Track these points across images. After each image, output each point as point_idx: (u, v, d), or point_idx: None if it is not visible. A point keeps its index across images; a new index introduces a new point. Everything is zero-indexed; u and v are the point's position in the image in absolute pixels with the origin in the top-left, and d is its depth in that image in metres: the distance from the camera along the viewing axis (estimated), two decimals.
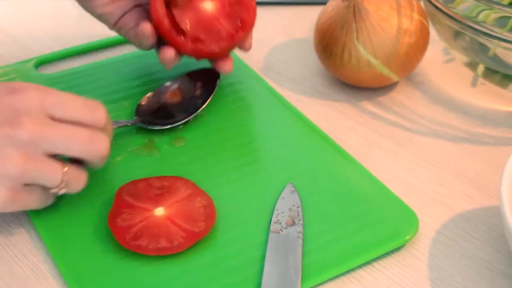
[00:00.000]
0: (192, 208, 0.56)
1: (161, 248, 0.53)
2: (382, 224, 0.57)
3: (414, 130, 0.68)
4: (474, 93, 0.73)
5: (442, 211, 0.59)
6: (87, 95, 0.69)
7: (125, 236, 0.54)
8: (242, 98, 0.71)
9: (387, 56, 0.68)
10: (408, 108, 0.71)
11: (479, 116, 0.70)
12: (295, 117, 0.68)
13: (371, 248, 0.55)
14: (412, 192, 0.61)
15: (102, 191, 0.59)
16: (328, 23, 0.70)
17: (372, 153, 0.65)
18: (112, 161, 0.62)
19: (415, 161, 0.65)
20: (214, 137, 0.65)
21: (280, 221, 0.56)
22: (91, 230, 0.56)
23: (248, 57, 0.75)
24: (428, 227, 0.58)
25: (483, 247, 0.56)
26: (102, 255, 0.54)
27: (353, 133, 0.68)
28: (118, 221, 0.55)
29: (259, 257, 0.53)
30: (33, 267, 0.54)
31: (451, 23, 0.68)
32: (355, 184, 0.61)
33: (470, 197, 0.61)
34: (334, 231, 0.56)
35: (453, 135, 0.68)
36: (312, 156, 0.64)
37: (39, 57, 0.75)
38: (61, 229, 0.56)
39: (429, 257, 0.55)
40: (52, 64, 0.76)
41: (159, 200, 0.57)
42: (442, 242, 0.57)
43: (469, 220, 0.59)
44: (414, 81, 0.75)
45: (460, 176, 0.63)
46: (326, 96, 0.73)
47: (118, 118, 0.67)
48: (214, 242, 0.55)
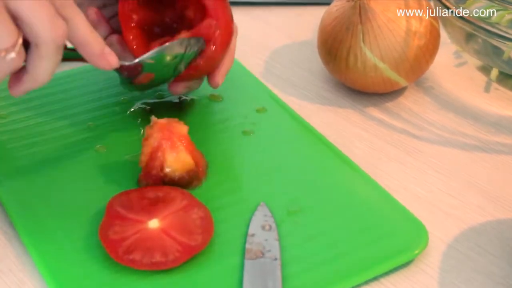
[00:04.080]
0: (188, 220, 0.56)
1: (155, 263, 0.53)
2: (390, 237, 0.57)
3: (424, 138, 0.69)
4: (487, 99, 0.74)
5: (453, 224, 0.60)
6: (78, 99, 0.71)
7: (117, 250, 0.54)
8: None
9: (395, 59, 0.68)
10: (417, 115, 0.71)
11: (492, 123, 0.71)
12: (297, 124, 0.68)
13: (378, 263, 0.55)
14: (422, 204, 0.61)
15: (92, 202, 0.59)
16: (333, 24, 0.70)
17: (379, 162, 0.66)
18: (104, 169, 0.62)
19: (425, 170, 0.65)
20: (212, 146, 0.65)
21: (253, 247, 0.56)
22: (81, 244, 0.56)
23: (247, 61, 0.76)
24: (438, 241, 0.58)
25: (497, 262, 0.56)
26: (93, 270, 0.54)
27: (359, 141, 0.68)
28: (110, 233, 0.55)
29: None
30: (20, 283, 0.54)
31: (463, 24, 0.69)
32: (361, 195, 0.61)
33: (483, 209, 0.61)
34: (339, 245, 0.56)
35: (464, 143, 0.68)
36: (315, 165, 0.64)
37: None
38: (49, 243, 0.56)
39: (440, 272, 0.56)
40: None
41: (153, 212, 0.57)
42: (453, 256, 0.57)
43: (482, 234, 0.59)
44: (424, 86, 0.75)
45: (472, 186, 0.63)
46: (330, 102, 0.73)
47: (110, 124, 0.67)
48: (212, 256, 0.55)
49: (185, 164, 0.60)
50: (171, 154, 0.59)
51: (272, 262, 0.54)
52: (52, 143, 0.65)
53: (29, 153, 0.64)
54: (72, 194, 0.60)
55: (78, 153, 0.64)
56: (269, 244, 0.55)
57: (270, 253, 0.55)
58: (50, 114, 0.69)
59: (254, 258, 0.54)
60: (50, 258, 0.55)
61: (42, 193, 0.60)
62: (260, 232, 0.57)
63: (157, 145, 0.59)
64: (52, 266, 0.54)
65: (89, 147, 0.65)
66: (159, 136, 0.59)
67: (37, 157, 0.64)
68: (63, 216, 0.58)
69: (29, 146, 0.65)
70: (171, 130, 0.60)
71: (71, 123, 0.68)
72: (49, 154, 0.64)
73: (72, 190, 0.61)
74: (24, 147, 0.65)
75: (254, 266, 0.54)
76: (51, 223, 0.57)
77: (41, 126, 0.67)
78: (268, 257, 0.54)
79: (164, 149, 0.59)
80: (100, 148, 0.65)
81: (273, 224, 0.57)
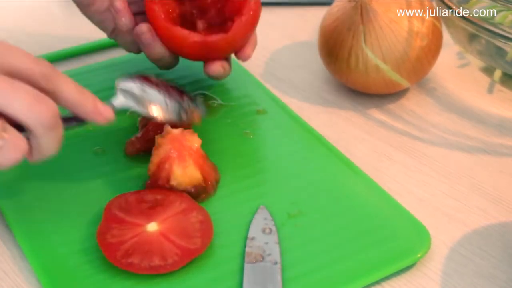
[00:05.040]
0: (187, 223, 0.57)
1: (154, 267, 0.53)
2: (392, 241, 0.57)
3: (426, 140, 0.69)
4: (491, 101, 0.74)
5: (456, 227, 0.60)
6: None
7: (115, 254, 0.54)
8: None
9: (397, 60, 0.68)
10: (419, 117, 0.71)
11: (496, 125, 0.71)
12: (298, 126, 0.68)
13: (380, 266, 0.55)
14: (424, 207, 0.61)
15: (90, 205, 0.59)
16: (334, 25, 0.70)
17: (381, 164, 0.66)
18: (101, 171, 0.62)
19: (427, 173, 0.65)
20: (212, 148, 0.65)
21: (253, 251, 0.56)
22: (78, 247, 0.56)
23: (247, 62, 0.76)
24: (441, 244, 0.58)
25: (500, 266, 0.56)
26: (90, 274, 0.54)
27: (361, 143, 0.68)
28: (107, 237, 0.55)
29: None
30: (16, 287, 0.54)
31: (466, 25, 0.69)
32: (363, 198, 0.61)
33: (486, 212, 0.61)
34: (341, 248, 0.56)
35: (468, 146, 0.68)
36: (316, 168, 0.64)
37: None
38: (46, 246, 0.56)
39: (442, 276, 0.56)
40: None
41: (152, 215, 0.57)
42: (456, 260, 0.57)
43: (485, 237, 0.59)
44: (426, 87, 0.75)
45: (475, 189, 0.63)
46: (332, 104, 0.73)
47: (109, 125, 0.67)
48: (211, 260, 0.55)
49: (192, 179, 0.59)
50: (179, 167, 0.59)
51: (272, 266, 0.54)
52: None
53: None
54: (70, 197, 0.60)
55: (75, 155, 0.64)
56: (270, 247, 0.56)
57: (270, 257, 0.55)
58: None
59: (254, 261, 0.54)
60: (47, 262, 0.55)
61: (38, 196, 0.60)
62: (260, 236, 0.57)
63: (165, 156, 0.59)
64: (49, 270, 0.54)
65: (87, 149, 0.65)
66: (168, 147, 0.59)
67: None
68: (61, 219, 0.58)
69: None
70: (182, 143, 0.60)
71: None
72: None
73: (69, 193, 0.61)
74: None
75: (254, 269, 0.54)
76: (48, 226, 0.58)
77: None
78: (268, 260, 0.54)
79: (172, 162, 0.59)
80: (98, 150, 0.65)
81: (273, 227, 0.57)
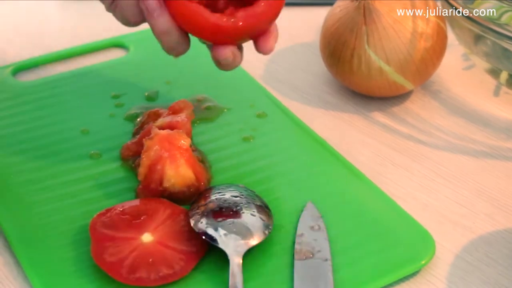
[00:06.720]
0: (179, 227, 0.56)
1: (164, 276, 0.53)
2: (396, 247, 0.57)
3: (431, 144, 0.69)
4: (497, 103, 0.74)
5: (462, 234, 0.60)
6: (70, 104, 0.71)
7: (120, 272, 0.53)
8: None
9: (400, 62, 0.68)
10: (424, 120, 0.71)
11: (502, 129, 0.71)
12: (299, 129, 0.68)
13: (383, 274, 0.55)
14: (429, 212, 0.61)
15: (87, 210, 0.59)
16: (336, 25, 0.70)
17: (384, 169, 0.66)
18: (98, 175, 0.62)
19: (432, 178, 0.65)
20: (211, 152, 0.65)
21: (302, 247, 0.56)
22: (74, 254, 0.56)
23: (247, 64, 0.76)
24: (446, 251, 0.58)
25: (507, 273, 0.56)
26: (86, 281, 0.54)
27: (364, 147, 0.68)
28: (106, 257, 0.54)
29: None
30: None
31: (471, 25, 0.69)
32: (366, 203, 0.61)
33: (492, 218, 0.61)
34: (342, 255, 0.56)
35: (473, 150, 0.68)
36: (318, 172, 0.64)
37: (16, 63, 0.76)
38: (41, 253, 0.56)
39: (447, 284, 0.56)
40: (32, 71, 0.76)
41: (141, 226, 0.56)
42: (461, 267, 0.57)
43: (491, 244, 0.59)
44: (431, 89, 0.75)
45: (481, 195, 0.63)
46: (334, 106, 0.73)
47: (105, 129, 0.67)
48: (219, 261, 0.55)
49: (185, 179, 0.59)
50: (171, 168, 0.59)
51: (323, 262, 0.54)
52: (44, 150, 0.65)
53: (19, 161, 0.64)
54: (66, 202, 0.60)
55: (71, 159, 0.64)
56: (319, 244, 0.56)
57: (320, 254, 0.55)
58: (41, 119, 0.69)
59: (304, 258, 0.55)
60: (42, 269, 0.55)
61: (34, 201, 0.60)
62: (309, 232, 0.57)
63: (156, 158, 0.59)
64: (44, 278, 0.54)
65: (83, 153, 0.65)
66: (158, 148, 0.59)
67: (28, 164, 0.64)
68: (56, 225, 0.58)
69: (19, 153, 0.65)
70: (172, 143, 0.60)
71: (63, 128, 0.68)
72: (40, 161, 0.64)
73: (65, 198, 0.61)
74: (14, 154, 0.65)
75: (304, 266, 0.54)
76: (43, 233, 0.58)
77: (31, 132, 0.67)
78: (318, 257, 0.55)
79: (164, 163, 0.59)
80: (94, 154, 0.65)
81: (322, 224, 0.58)
